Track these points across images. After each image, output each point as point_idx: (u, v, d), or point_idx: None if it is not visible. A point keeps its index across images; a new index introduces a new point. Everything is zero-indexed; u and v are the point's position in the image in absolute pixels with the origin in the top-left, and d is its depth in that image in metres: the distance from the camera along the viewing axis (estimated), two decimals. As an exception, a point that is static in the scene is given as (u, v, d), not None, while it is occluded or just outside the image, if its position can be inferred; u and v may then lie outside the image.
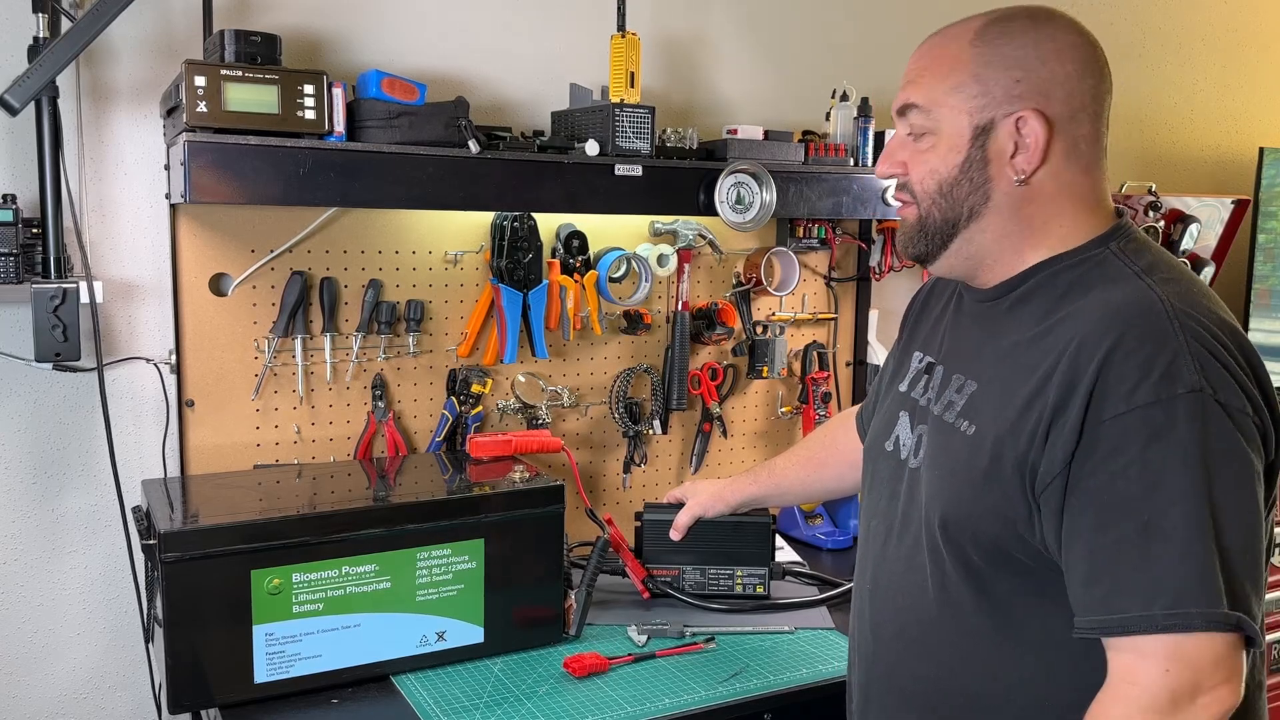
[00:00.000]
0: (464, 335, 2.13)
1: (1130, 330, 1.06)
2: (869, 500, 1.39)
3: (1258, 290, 3.00)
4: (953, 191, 1.19)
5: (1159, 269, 1.15)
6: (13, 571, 1.87)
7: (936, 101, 1.18)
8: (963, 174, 1.18)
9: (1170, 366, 1.03)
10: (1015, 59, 1.16)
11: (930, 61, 1.20)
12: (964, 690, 1.21)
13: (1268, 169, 2.95)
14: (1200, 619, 1.00)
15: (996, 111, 1.16)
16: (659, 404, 2.34)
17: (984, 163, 1.17)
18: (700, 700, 1.61)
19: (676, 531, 1.88)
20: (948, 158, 1.18)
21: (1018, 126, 1.15)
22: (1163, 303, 1.08)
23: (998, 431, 1.14)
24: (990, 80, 1.16)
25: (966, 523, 1.16)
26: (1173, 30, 3.12)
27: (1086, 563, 1.06)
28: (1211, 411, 1.03)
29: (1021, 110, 1.15)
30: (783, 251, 2.39)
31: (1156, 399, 1.03)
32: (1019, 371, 1.14)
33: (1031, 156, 1.16)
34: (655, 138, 2.02)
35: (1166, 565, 1.01)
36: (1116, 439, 1.04)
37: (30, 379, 1.84)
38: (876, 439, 1.40)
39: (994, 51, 1.16)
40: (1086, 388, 1.06)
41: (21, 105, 1.63)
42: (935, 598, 1.22)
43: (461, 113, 1.83)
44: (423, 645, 1.69)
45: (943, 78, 1.18)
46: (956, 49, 1.18)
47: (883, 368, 1.53)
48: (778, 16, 2.45)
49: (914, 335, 1.42)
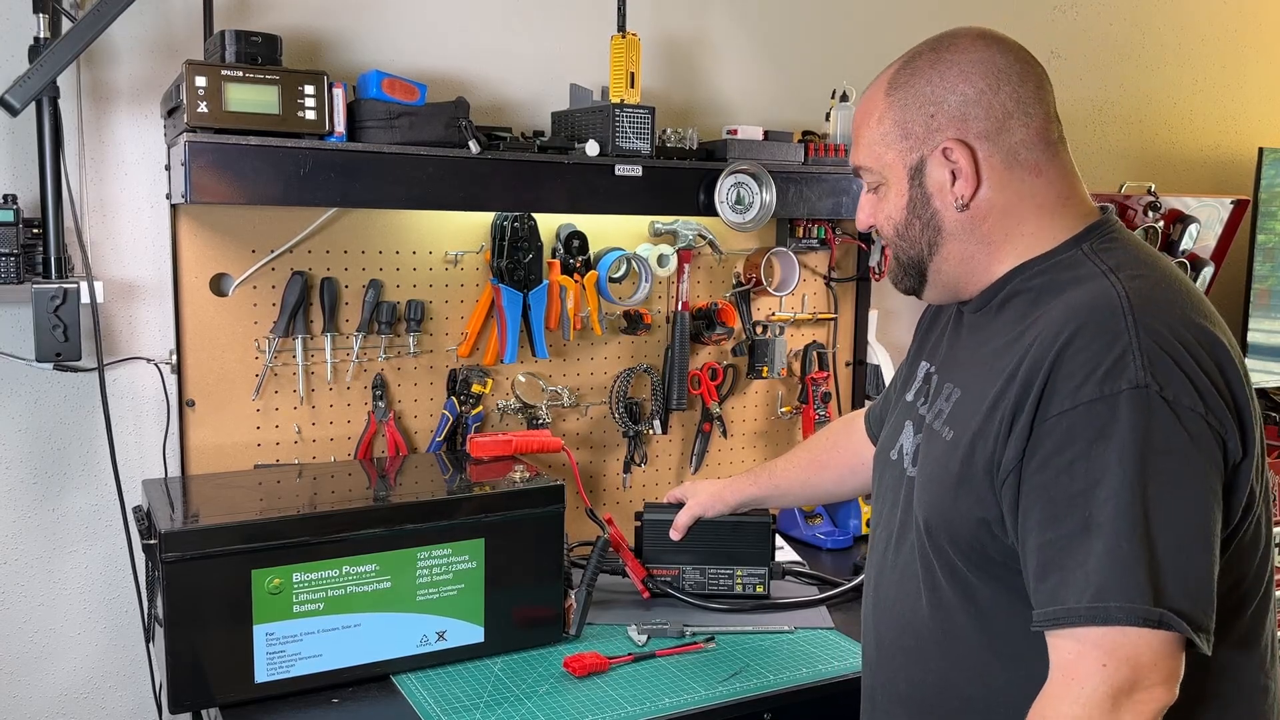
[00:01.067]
0: (464, 335, 2.14)
1: (1083, 328, 1.07)
2: (874, 509, 1.41)
3: (1258, 290, 3.00)
4: (907, 232, 1.25)
5: (1128, 266, 1.14)
6: (13, 571, 1.87)
7: (874, 156, 1.25)
8: (911, 214, 1.24)
9: (1117, 363, 1.04)
10: (925, 95, 1.21)
11: (860, 121, 1.28)
12: (958, 695, 1.21)
13: (1267, 169, 2.95)
14: (1119, 612, 1.01)
15: (923, 149, 1.21)
16: (659, 404, 2.34)
17: (926, 199, 1.23)
18: (700, 700, 1.61)
19: (676, 531, 1.88)
20: (896, 203, 1.25)
21: (945, 156, 1.20)
22: (1121, 299, 1.09)
23: (969, 434, 1.16)
24: (909, 122, 1.22)
25: (946, 527, 1.18)
26: (1172, 30, 3.12)
27: (1036, 557, 1.08)
28: (1155, 407, 1.03)
29: (943, 142, 1.19)
30: (783, 252, 2.39)
31: (1100, 395, 1.04)
32: (991, 376, 1.16)
33: (966, 181, 1.19)
34: (655, 138, 2.02)
35: (1096, 560, 1.02)
36: (1062, 435, 1.05)
37: (31, 379, 1.84)
38: (883, 448, 1.41)
39: (906, 94, 1.22)
40: (1039, 386, 1.07)
41: (22, 105, 1.63)
42: (928, 604, 1.23)
43: (462, 113, 1.83)
44: (423, 645, 1.69)
45: (872, 132, 1.25)
46: (875, 103, 1.25)
47: (894, 376, 1.54)
48: (778, 17, 2.46)
49: (922, 346, 1.44)
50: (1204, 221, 2.92)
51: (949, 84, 1.19)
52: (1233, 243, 3.02)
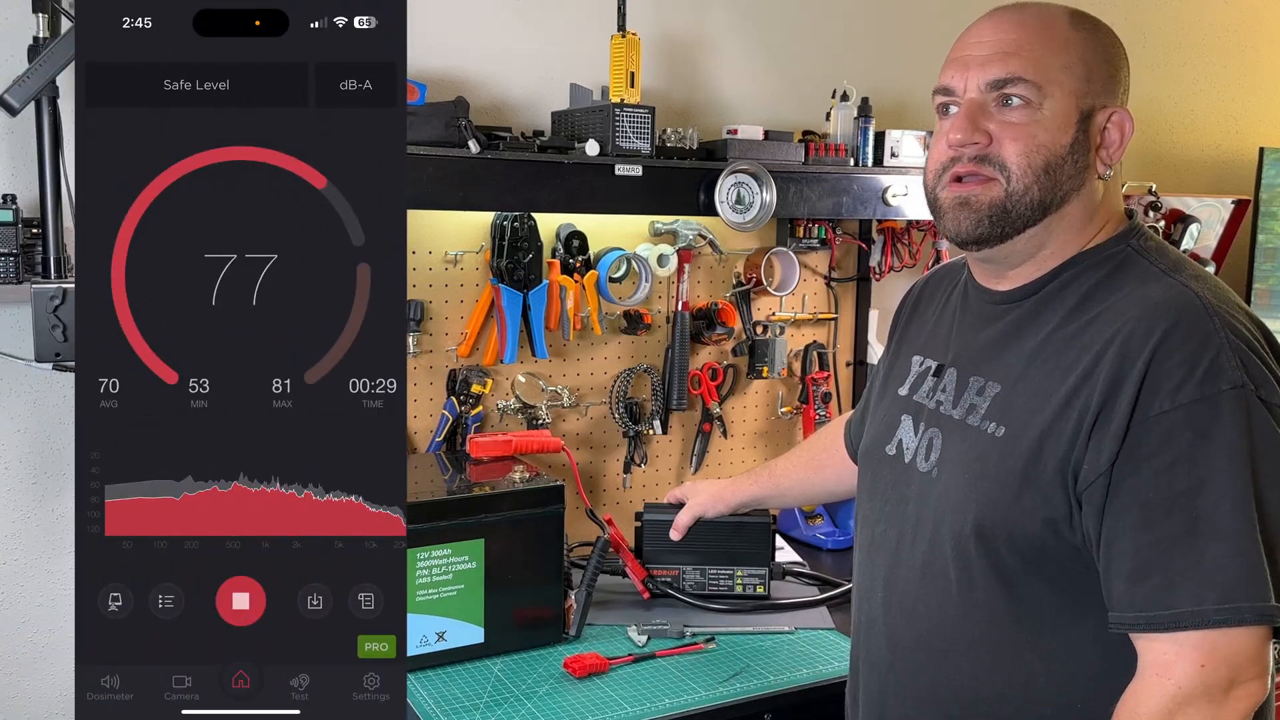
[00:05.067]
0: (464, 335, 2.13)
1: (1175, 328, 1.06)
2: (870, 505, 1.37)
3: (1258, 290, 3.00)
4: (1059, 171, 1.15)
5: (1183, 267, 1.16)
6: (13, 571, 1.87)
7: (1048, 77, 1.14)
8: (1069, 155, 1.15)
9: (1214, 363, 1.04)
10: (1110, 54, 1.18)
11: (1033, 36, 1.15)
12: (985, 696, 1.19)
13: (1268, 169, 2.95)
14: (1251, 613, 1.00)
15: (1096, 100, 1.16)
16: (659, 404, 2.34)
17: (1086, 148, 1.16)
18: (700, 700, 1.61)
19: (676, 531, 1.88)
20: (1058, 136, 1.14)
21: (1110, 120, 1.17)
22: (1200, 300, 1.09)
23: (1034, 432, 1.13)
24: (1094, 67, 1.16)
25: (1003, 525, 1.15)
26: (1173, 30, 3.12)
27: (1132, 559, 1.06)
28: (1254, 407, 1.04)
29: (1115, 105, 1.17)
30: (783, 251, 2.39)
31: (1201, 396, 1.03)
32: (1054, 371, 1.14)
33: (1116, 152, 1.17)
34: (655, 138, 2.02)
35: (1216, 560, 1.01)
36: (1162, 436, 1.04)
37: (30, 379, 1.84)
38: (875, 444, 1.38)
39: (1094, 40, 1.17)
40: (1134, 385, 1.06)
41: (21, 105, 1.63)
42: (958, 602, 1.20)
43: (461, 113, 1.83)
44: (423, 645, 1.69)
45: (1054, 54, 1.15)
46: (1061, 30, 1.16)
47: (872, 375, 1.51)
48: (778, 17, 2.45)
49: (907, 338, 1.41)
50: (1205, 221, 2.92)
51: (1121, 55, 1.18)
52: (1233, 243, 3.02)
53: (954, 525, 1.19)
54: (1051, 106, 1.14)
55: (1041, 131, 1.14)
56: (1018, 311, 1.22)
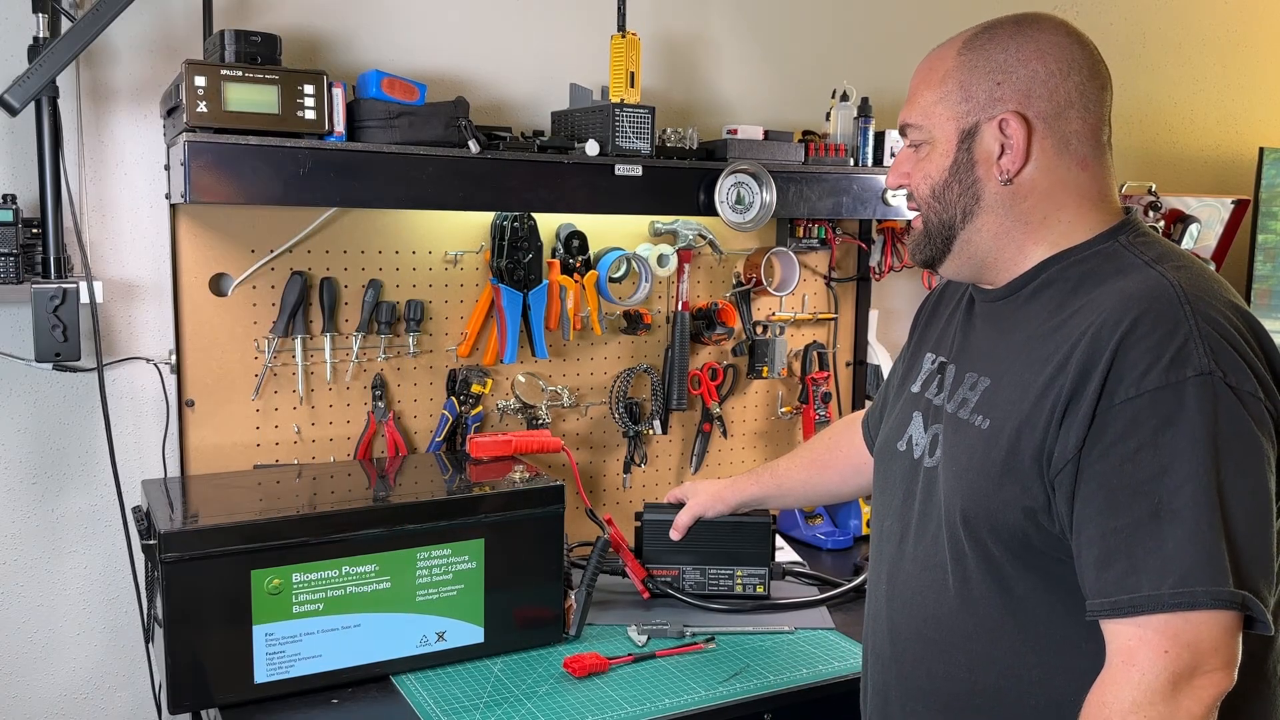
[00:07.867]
0: (464, 335, 2.13)
1: (1143, 316, 1.08)
2: (881, 501, 1.40)
3: (1258, 290, 3.00)
4: (945, 194, 1.24)
5: (1170, 258, 1.17)
6: (13, 571, 1.87)
7: (927, 114, 1.25)
8: (952, 176, 1.23)
9: (1181, 350, 1.05)
10: (997, 64, 1.21)
11: (921, 77, 1.27)
12: (981, 688, 1.21)
13: (1268, 169, 2.95)
14: (1206, 596, 1.01)
15: (980, 115, 1.21)
16: (659, 404, 2.34)
17: (971, 165, 1.22)
18: (700, 700, 1.61)
19: (676, 531, 1.88)
20: (939, 163, 1.24)
21: (1001, 128, 1.20)
22: (1174, 288, 1.10)
23: (1014, 423, 1.15)
24: (973, 86, 1.21)
25: (985, 516, 1.17)
26: (1173, 31, 3.12)
27: (1099, 545, 1.07)
28: (1221, 394, 1.04)
29: (1003, 113, 1.19)
30: (783, 251, 2.39)
31: (1166, 383, 1.04)
32: (1034, 363, 1.16)
33: (1015, 156, 1.20)
34: (655, 138, 2.02)
35: (1176, 546, 1.02)
36: (1127, 423, 1.05)
37: (30, 379, 1.84)
38: (888, 440, 1.40)
39: (978, 58, 1.22)
40: (1101, 373, 1.07)
41: (21, 105, 1.63)
42: (955, 595, 1.22)
43: (461, 113, 1.83)
44: (423, 645, 1.69)
45: (931, 90, 1.25)
46: (944, 61, 1.25)
47: (890, 373, 1.54)
48: (778, 16, 2.45)
49: (924, 337, 1.43)
50: (1204, 221, 2.92)
51: (1023, 58, 1.20)
52: (1233, 243, 3.02)
53: (949, 518, 1.22)
54: (939, 138, 1.24)
55: (929, 163, 1.25)
56: (1008, 308, 1.25)
